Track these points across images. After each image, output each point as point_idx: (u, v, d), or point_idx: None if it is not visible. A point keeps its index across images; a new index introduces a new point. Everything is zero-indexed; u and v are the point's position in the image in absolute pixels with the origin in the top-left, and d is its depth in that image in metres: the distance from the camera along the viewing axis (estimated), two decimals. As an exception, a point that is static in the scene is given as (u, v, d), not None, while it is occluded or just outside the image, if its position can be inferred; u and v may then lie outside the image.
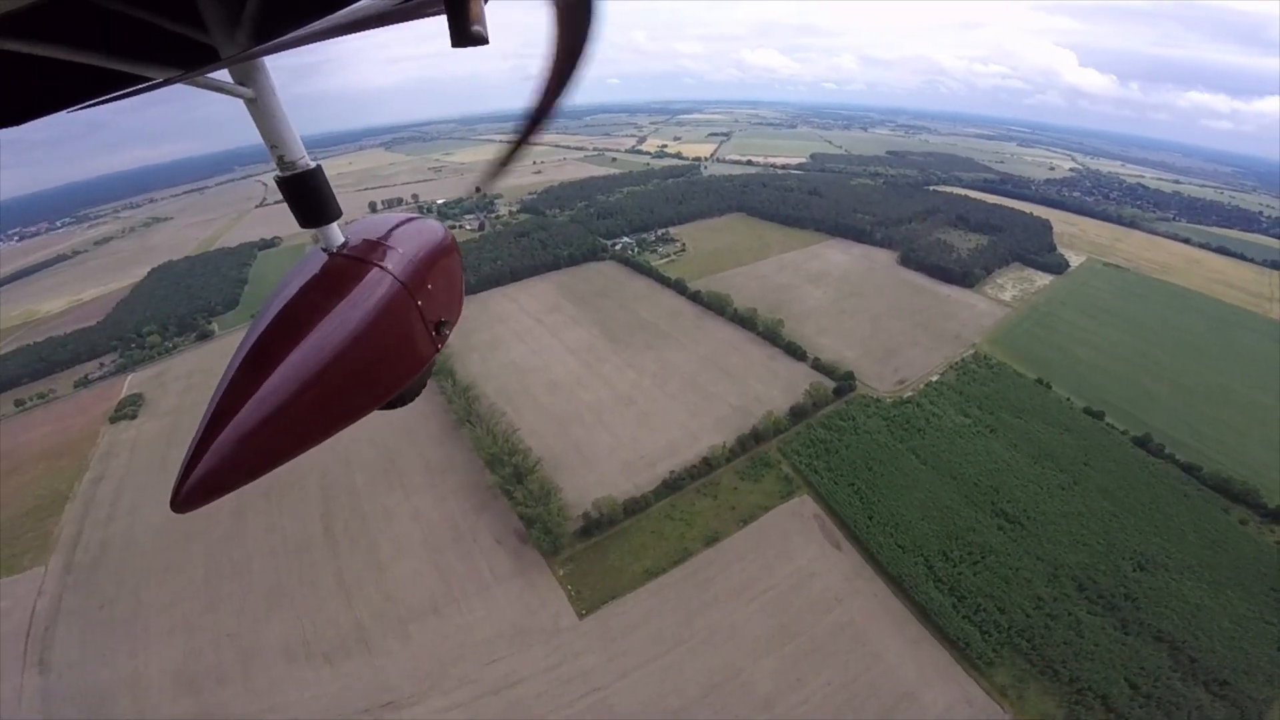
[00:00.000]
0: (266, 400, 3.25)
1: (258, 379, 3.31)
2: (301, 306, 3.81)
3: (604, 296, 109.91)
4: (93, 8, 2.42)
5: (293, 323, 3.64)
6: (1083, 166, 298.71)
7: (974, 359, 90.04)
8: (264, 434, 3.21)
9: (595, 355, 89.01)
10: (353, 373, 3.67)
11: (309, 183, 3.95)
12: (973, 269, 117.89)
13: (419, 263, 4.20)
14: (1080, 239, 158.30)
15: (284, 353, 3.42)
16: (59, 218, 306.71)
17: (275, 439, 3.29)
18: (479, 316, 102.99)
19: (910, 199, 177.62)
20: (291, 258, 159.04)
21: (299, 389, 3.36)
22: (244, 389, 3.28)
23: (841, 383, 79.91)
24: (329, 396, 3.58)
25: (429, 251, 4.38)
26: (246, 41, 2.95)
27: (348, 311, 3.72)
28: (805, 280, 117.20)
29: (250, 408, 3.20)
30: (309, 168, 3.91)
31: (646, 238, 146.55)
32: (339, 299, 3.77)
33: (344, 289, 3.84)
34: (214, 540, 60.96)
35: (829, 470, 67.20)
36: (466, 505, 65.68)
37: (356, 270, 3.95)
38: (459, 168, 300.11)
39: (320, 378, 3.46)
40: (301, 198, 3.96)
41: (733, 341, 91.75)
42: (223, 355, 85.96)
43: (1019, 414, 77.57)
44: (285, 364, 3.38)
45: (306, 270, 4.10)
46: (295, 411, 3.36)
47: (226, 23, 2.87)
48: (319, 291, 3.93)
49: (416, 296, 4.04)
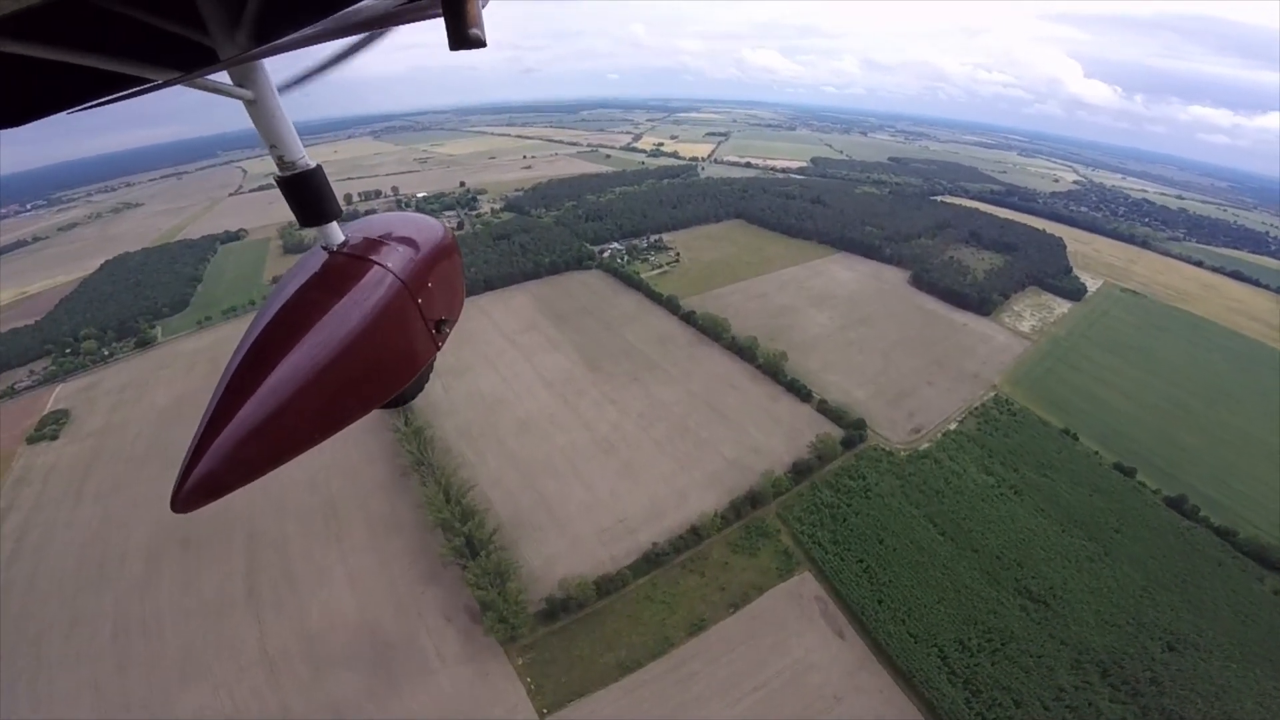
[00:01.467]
0: (267, 399, 3.19)
1: (258, 378, 3.25)
2: (302, 304, 3.77)
3: (587, 314, 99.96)
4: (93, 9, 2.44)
5: (293, 321, 3.60)
6: (1085, 179, 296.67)
7: (995, 403, 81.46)
8: (265, 433, 3.15)
9: (573, 387, 79.17)
10: (353, 371, 3.62)
11: (309, 182, 3.93)
12: (990, 294, 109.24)
13: (419, 261, 4.19)
14: (1094, 260, 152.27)
15: (284, 351, 3.37)
16: (30, 200, 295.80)
17: (276, 438, 3.23)
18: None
19: (918, 210, 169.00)
20: (254, 252, 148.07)
21: (299, 388, 3.31)
22: (244, 388, 3.22)
23: (851, 432, 70.78)
24: (329, 395, 3.51)
25: (429, 250, 4.36)
26: (246, 43, 2.98)
27: (348, 310, 3.68)
28: (809, 302, 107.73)
29: (250, 407, 3.15)
30: (309, 167, 3.90)
31: (638, 245, 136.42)
32: (339, 297, 3.73)
33: (344, 287, 3.81)
34: (124, 590, 54.49)
35: (835, 544, 58.46)
36: (413, 572, 56.47)
37: (357, 269, 3.92)
38: (445, 160, 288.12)
39: (321, 376, 3.41)
40: (302, 197, 3.93)
41: (729, 375, 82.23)
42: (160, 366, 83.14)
43: (1046, 471, 69.81)
44: (285, 363, 3.32)
45: (307, 268, 4.06)
46: (296, 410, 3.29)
47: (226, 24, 2.90)
48: (319, 290, 3.88)
49: (417, 295, 4.03)
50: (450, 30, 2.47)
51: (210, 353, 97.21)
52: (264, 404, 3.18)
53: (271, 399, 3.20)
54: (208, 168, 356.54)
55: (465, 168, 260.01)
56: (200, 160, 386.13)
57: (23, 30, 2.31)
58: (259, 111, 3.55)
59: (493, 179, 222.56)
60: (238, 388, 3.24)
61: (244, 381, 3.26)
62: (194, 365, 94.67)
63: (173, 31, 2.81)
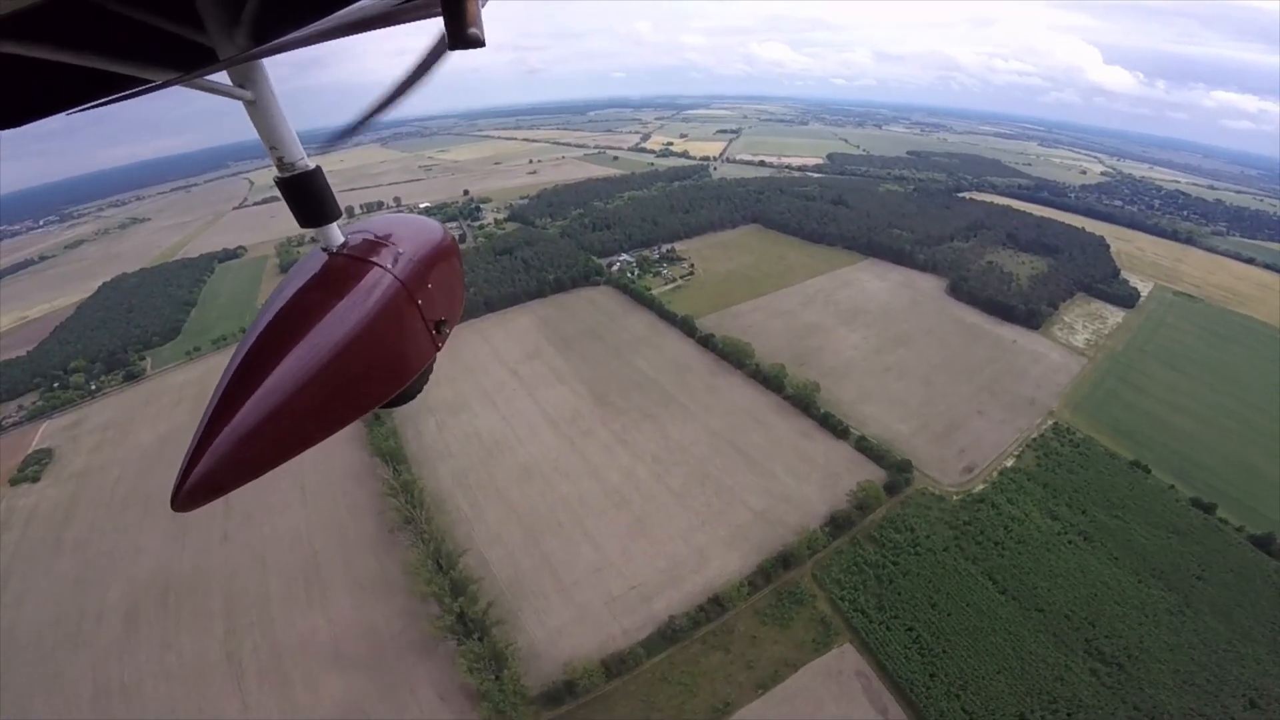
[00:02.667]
0: (267, 399, 3.19)
1: (258, 378, 3.25)
2: (301, 305, 3.78)
3: (595, 338, 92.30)
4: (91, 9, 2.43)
5: (293, 321, 3.60)
6: (1113, 170, 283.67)
7: (1055, 433, 72.69)
8: (264, 432, 3.15)
9: (580, 427, 71.78)
10: (352, 372, 3.62)
11: (309, 184, 3.91)
12: (1037, 304, 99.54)
13: (419, 262, 4.19)
14: (1140, 260, 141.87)
15: (284, 351, 3.37)
16: (46, 215, 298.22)
17: (276, 438, 3.23)
18: (443, 363, 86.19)
19: (947, 209, 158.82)
20: (250, 272, 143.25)
21: (299, 387, 3.30)
22: (244, 387, 3.22)
23: (895, 475, 62.59)
24: (329, 395, 3.51)
25: (429, 251, 4.36)
26: (245, 43, 2.96)
27: (347, 310, 3.68)
28: (839, 318, 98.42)
29: (250, 406, 3.14)
30: (308, 168, 3.87)
31: (649, 256, 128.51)
32: (339, 298, 3.74)
33: (344, 288, 3.81)
34: (102, 650, 51.15)
35: (879, 609, 50.89)
36: (404, 642, 50.19)
37: (356, 270, 3.92)
38: (450, 167, 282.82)
39: (320, 376, 3.40)
40: (301, 198, 3.91)
41: (754, 409, 74.04)
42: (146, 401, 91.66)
43: (1117, 512, 61.36)
44: (285, 363, 3.33)
45: (307, 269, 4.07)
46: (295, 410, 3.29)
47: (225, 24, 2.88)
48: (319, 290, 3.89)
49: (416, 296, 4.03)
50: (450, 29, 2.45)
51: (198, 385, 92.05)
52: (264, 404, 3.15)
53: (271, 399, 3.18)
54: (216, 179, 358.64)
55: (470, 175, 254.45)
56: (210, 171, 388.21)
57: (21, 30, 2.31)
58: (258, 112, 3.54)
59: (497, 186, 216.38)
60: (237, 387, 3.21)
61: (244, 381, 3.24)
62: (180, 400, 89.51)
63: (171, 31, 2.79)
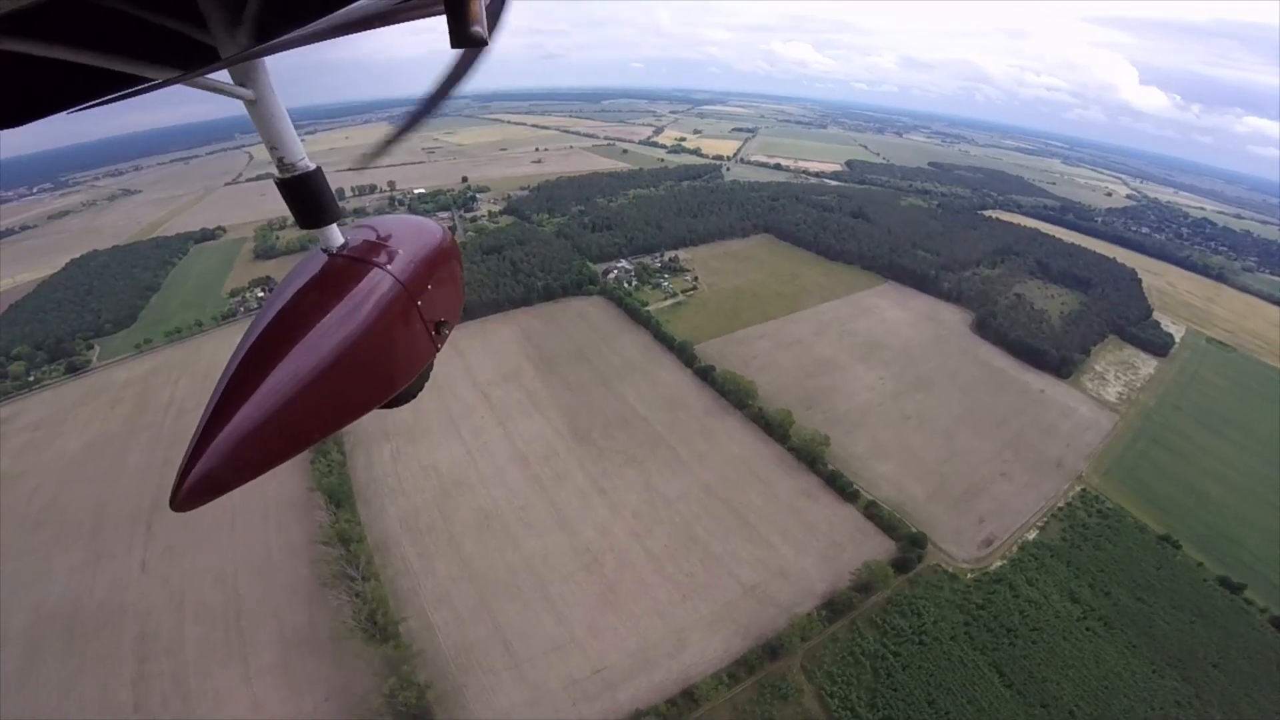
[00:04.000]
0: (266, 399, 3.18)
1: (258, 377, 3.24)
2: (301, 306, 3.78)
3: (581, 359, 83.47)
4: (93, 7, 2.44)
5: (292, 322, 3.59)
6: (1138, 193, 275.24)
7: (1082, 501, 65.01)
8: (263, 432, 3.14)
9: (554, 467, 63.35)
10: (352, 372, 3.61)
11: (309, 185, 3.86)
12: (1068, 349, 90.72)
13: (419, 263, 4.17)
14: (1171, 298, 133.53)
15: (284, 351, 3.37)
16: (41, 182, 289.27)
17: (275, 438, 3.22)
18: (413, 380, 78.04)
19: (973, 230, 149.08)
20: (223, 256, 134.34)
21: (298, 388, 3.30)
22: (244, 387, 3.21)
23: (907, 551, 54.43)
24: (328, 396, 3.51)
25: (429, 252, 4.34)
26: (247, 41, 2.94)
27: (347, 311, 3.68)
28: (855, 353, 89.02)
29: (250, 406, 3.13)
30: (309, 169, 3.83)
31: (649, 264, 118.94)
32: (339, 299, 3.73)
33: (344, 289, 3.80)
34: None
35: (872, 707, 44.38)
36: (332, 709, 43.13)
37: (356, 270, 3.91)
38: (454, 150, 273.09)
39: (319, 377, 3.39)
40: (301, 199, 3.88)
41: (754, 460, 65.39)
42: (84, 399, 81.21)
43: (1142, 594, 55.51)
44: (285, 363, 3.32)
45: (306, 270, 4.05)
46: (295, 410, 3.28)
47: (227, 22, 2.87)
48: (319, 291, 3.87)
49: (416, 297, 4.02)
50: (452, 27, 2.45)
51: (141, 385, 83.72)
52: (263, 403, 3.14)
53: (271, 398, 3.17)
54: (218, 151, 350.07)
55: (472, 160, 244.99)
56: (215, 142, 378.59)
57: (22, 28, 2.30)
58: (259, 111, 3.49)
59: (498, 174, 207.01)
60: (237, 387, 3.20)
61: (243, 381, 3.22)
62: (119, 400, 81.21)
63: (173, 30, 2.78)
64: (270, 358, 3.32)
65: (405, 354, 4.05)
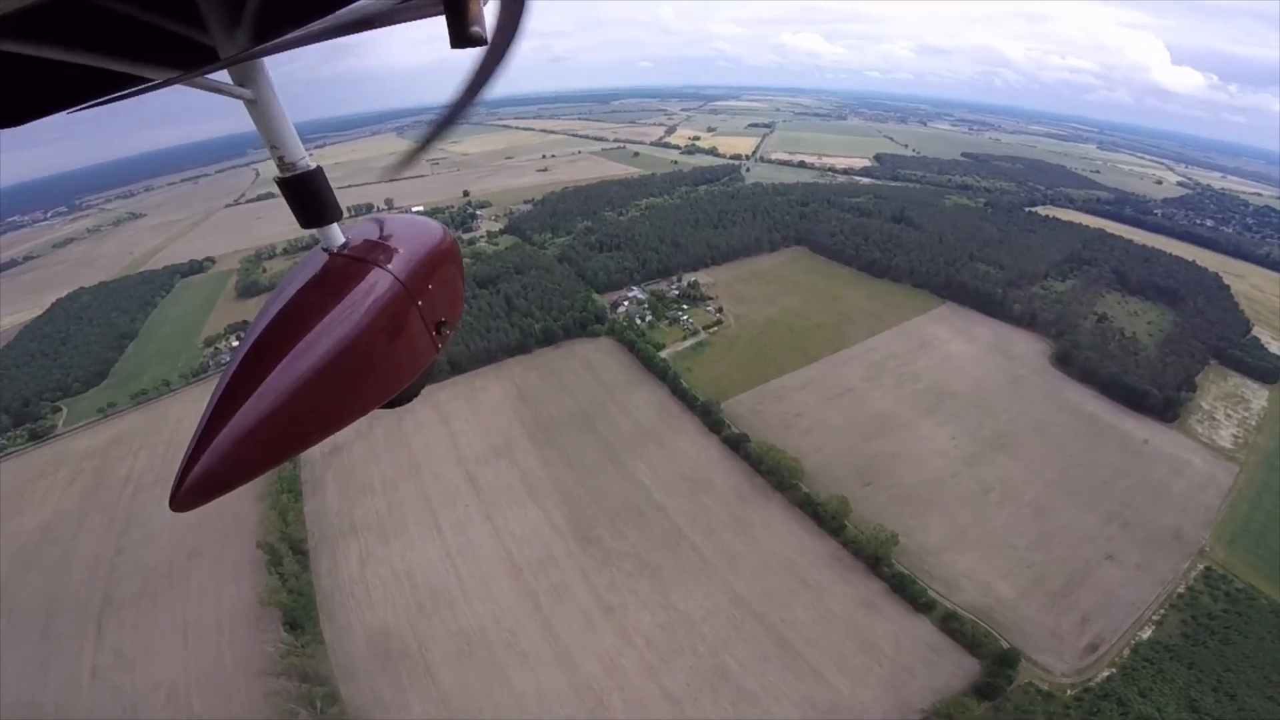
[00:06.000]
0: (266, 398, 3.15)
1: (258, 377, 3.21)
2: (302, 305, 3.73)
3: (586, 426, 70.16)
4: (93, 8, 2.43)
5: (293, 322, 3.55)
6: (1189, 179, 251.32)
7: (1206, 582, 52.70)
8: (263, 432, 3.11)
9: (551, 579, 51.22)
10: (352, 372, 3.58)
11: (309, 184, 3.85)
12: (1169, 384, 75.22)
13: (419, 263, 4.11)
14: (1263, 306, 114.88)
15: (284, 351, 3.33)
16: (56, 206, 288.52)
17: (275, 437, 3.19)
18: (384, 450, 66.44)
19: (1032, 234, 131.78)
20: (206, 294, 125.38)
21: (299, 387, 3.26)
22: (244, 387, 3.18)
23: (993, 674, 41.73)
24: (329, 395, 3.48)
25: (429, 252, 4.29)
26: (246, 42, 2.93)
27: (348, 311, 3.63)
28: (918, 404, 73.40)
29: (250, 406, 3.10)
30: (309, 169, 3.82)
31: (665, 291, 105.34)
32: (339, 299, 3.68)
33: (344, 289, 3.76)
34: None
35: None
36: None
37: (357, 270, 3.87)
38: (458, 161, 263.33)
39: (320, 377, 3.36)
40: (302, 199, 3.87)
41: (799, 560, 52.40)
42: (41, 473, 72.99)
43: (1274, 692, 43.90)
44: (285, 363, 3.28)
45: (307, 270, 4.01)
46: (295, 410, 3.26)
47: (227, 23, 2.86)
48: (319, 291, 3.83)
49: (417, 297, 3.98)
50: (452, 28, 2.46)
51: (101, 457, 74.83)
52: (263, 403, 3.11)
53: (271, 398, 3.14)
54: (229, 169, 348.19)
55: (476, 171, 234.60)
56: (228, 159, 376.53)
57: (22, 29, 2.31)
58: (259, 111, 3.49)
59: (501, 186, 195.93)
60: (237, 387, 3.17)
61: (244, 381, 3.20)
62: (78, 474, 72.57)
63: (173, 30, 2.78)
64: (270, 357, 3.25)
65: (406, 354, 3.98)
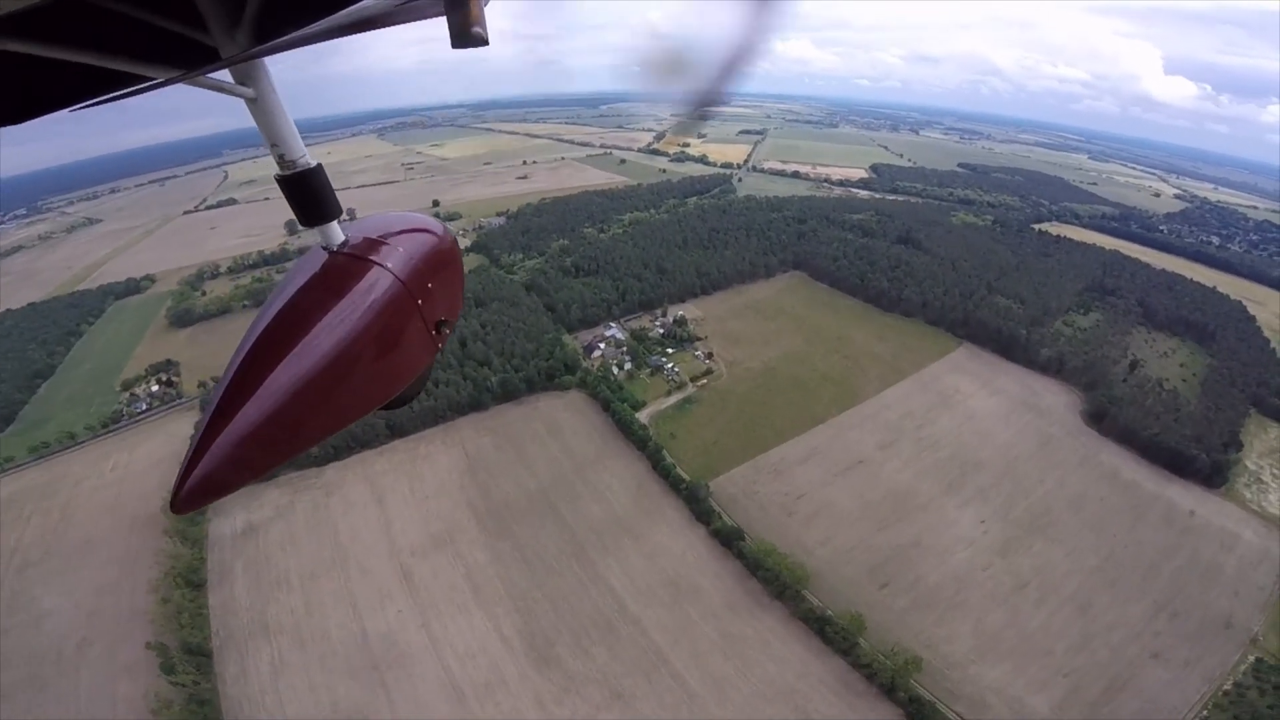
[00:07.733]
0: (266, 399, 3.12)
1: (258, 378, 3.18)
2: (302, 304, 3.70)
3: (547, 511, 58.82)
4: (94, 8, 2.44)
5: (293, 321, 3.52)
6: (1185, 192, 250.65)
7: (1255, 675, 45.06)
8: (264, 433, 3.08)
9: (501, 704, 40.63)
10: (353, 372, 3.57)
11: (309, 182, 3.85)
12: (1215, 445, 66.48)
13: (420, 262, 4.10)
14: None
15: (284, 351, 3.30)
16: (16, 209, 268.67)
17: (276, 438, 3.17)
18: (305, 535, 55.60)
19: (1048, 259, 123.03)
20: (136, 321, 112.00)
21: (300, 388, 3.24)
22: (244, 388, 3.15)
23: None
24: (330, 396, 3.46)
25: (429, 251, 4.28)
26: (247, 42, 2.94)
27: (348, 310, 3.61)
28: (940, 478, 63.03)
29: (250, 407, 3.07)
30: (309, 166, 3.82)
31: (648, 328, 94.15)
32: (339, 298, 3.66)
33: (344, 287, 3.74)
34: None
35: None
36: None
37: (357, 269, 3.85)
38: (435, 165, 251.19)
39: (321, 377, 3.33)
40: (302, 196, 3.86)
41: (803, 687, 42.45)
42: None
43: None
44: (285, 363, 3.25)
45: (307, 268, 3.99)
46: (296, 410, 3.24)
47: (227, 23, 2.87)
48: (319, 290, 3.81)
49: (417, 296, 3.97)
50: (452, 28, 2.47)
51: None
52: (264, 404, 3.09)
53: (271, 399, 3.12)
54: (199, 171, 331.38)
55: (452, 177, 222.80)
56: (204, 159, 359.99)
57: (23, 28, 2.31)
58: (260, 110, 3.50)
59: (475, 195, 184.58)
60: (237, 388, 3.14)
61: (244, 382, 3.17)
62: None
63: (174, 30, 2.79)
64: (270, 358, 3.23)
65: (406, 354, 3.99)
